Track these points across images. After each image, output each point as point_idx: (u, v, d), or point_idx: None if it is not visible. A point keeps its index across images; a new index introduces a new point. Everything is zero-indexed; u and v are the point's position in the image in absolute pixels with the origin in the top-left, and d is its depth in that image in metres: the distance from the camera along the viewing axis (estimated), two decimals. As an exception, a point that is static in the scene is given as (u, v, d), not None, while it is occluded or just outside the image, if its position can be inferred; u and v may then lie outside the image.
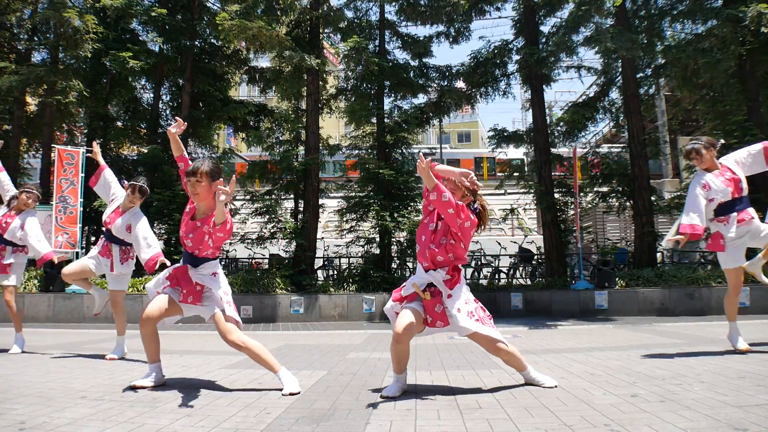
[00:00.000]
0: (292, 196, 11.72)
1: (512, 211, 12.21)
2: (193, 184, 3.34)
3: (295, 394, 3.20)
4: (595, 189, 11.95)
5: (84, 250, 10.52)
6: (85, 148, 10.54)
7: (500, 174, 11.97)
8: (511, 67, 11.95)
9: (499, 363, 3.37)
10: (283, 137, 12.25)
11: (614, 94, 11.96)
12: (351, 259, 11.67)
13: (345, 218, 11.27)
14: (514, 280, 11.33)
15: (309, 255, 10.54)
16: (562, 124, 11.88)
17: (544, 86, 11.42)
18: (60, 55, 11.35)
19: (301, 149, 11.60)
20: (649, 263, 10.19)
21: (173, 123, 3.66)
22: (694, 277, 9.08)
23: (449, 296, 3.11)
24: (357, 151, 11.88)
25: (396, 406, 2.93)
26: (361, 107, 11.14)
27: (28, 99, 12.49)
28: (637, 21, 10.91)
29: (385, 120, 11.61)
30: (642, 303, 8.84)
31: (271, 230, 10.96)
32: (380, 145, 11.36)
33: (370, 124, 11.69)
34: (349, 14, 11.69)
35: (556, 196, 11.31)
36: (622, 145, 12.88)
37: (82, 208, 9.28)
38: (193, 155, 11.95)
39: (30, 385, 3.54)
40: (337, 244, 12.57)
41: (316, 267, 11.07)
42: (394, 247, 11.01)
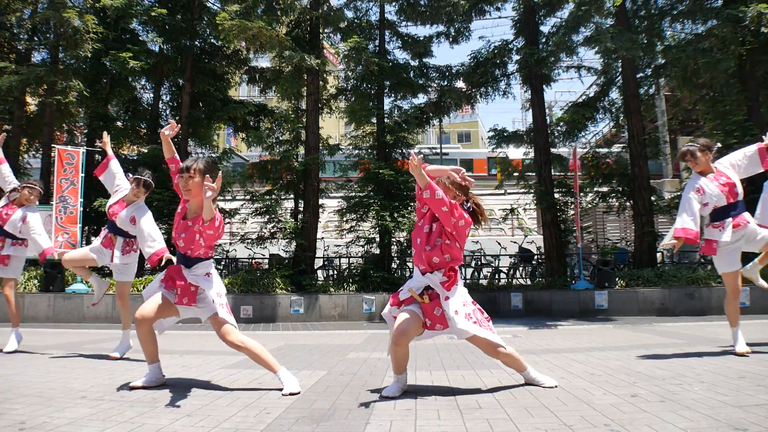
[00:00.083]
0: (292, 196, 11.72)
1: (512, 211, 12.21)
2: (186, 179, 3.37)
3: (295, 394, 3.20)
4: (595, 189, 11.95)
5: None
6: (85, 148, 10.55)
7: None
8: (511, 67, 11.96)
9: (499, 363, 3.37)
10: (283, 137, 12.25)
11: (614, 94, 11.97)
12: (351, 259, 11.66)
13: (345, 218, 11.27)
14: (514, 280, 11.33)
15: (309, 255, 10.54)
16: (562, 124, 11.88)
17: (544, 86, 11.42)
18: (60, 55, 11.34)
19: (301, 149, 11.61)
20: (649, 263, 10.19)
21: (166, 125, 3.69)
22: (694, 277, 9.09)
23: (446, 298, 3.11)
24: (357, 151, 11.89)
25: (396, 406, 2.94)
26: (361, 107, 11.14)
27: (28, 99, 12.48)
28: (637, 21, 10.91)
29: (385, 120, 11.61)
30: (642, 303, 8.84)
31: (271, 230, 10.96)
32: (380, 145, 11.36)
33: (370, 124, 11.70)
34: (349, 14, 11.70)
35: (556, 196, 11.31)
36: (622, 144, 12.87)
37: (82, 208, 9.29)
38: (193, 155, 11.95)
39: (30, 385, 3.54)
40: (337, 244, 12.57)
41: (316, 267, 11.06)
42: (394, 247, 11.02)
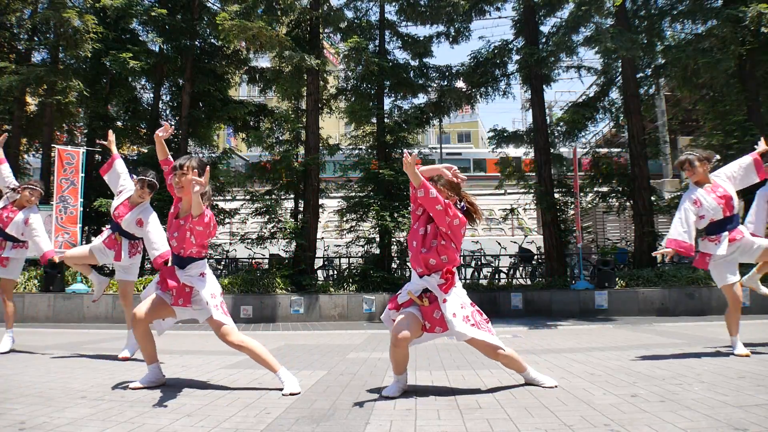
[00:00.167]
0: (292, 196, 11.71)
1: (512, 211, 12.21)
2: (179, 176, 3.40)
3: (295, 394, 3.21)
4: (595, 189, 11.95)
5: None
6: (85, 148, 10.54)
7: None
8: (511, 67, 11.96)
9: (499, 363, 3.37)
10: (283, 137, 12.24)
11: (614, 94, 11.97)
12: (351, 259, 11.66)
13: (345, 218, 11.26)
14: (514, 280, 11.33)
15: (309, 255, 10.54)
16: (562, 124, 11.87)
17: (544, 86, 11.42)
18: (60, 55, 11.35)
19: (301, 149, 11.60)
20: (649, 263, 10.18)
21: (167, 124, 3.73)
22: (694, 277, 9.08)
23: (444, 301, 3.10)
24: (357, 151, 11.88)
25: (396, 406, 2.94)
26: (361, 107, 11.14)
27: (28, 99, 12.48)
28: (637, 21, 10.91)
29: (385, 120, 11.61)
30: (642, 303, 8.84)
31: (271, 230, 10.96)
32: (380, 145, 11.36)
33: (370, 124, 11.69)
34: (349, 14, 11.70)
35: (556, 196, 11.31)
36: (622, 144, 12.86)
37: (82, 208, 9.29)
38: (193, 155, 11.93)
39: (30, 385, 3.54)
40: (337, 244, 12.57)
41: (316, 267, 11.06)
42: (394, 247, 11.01)
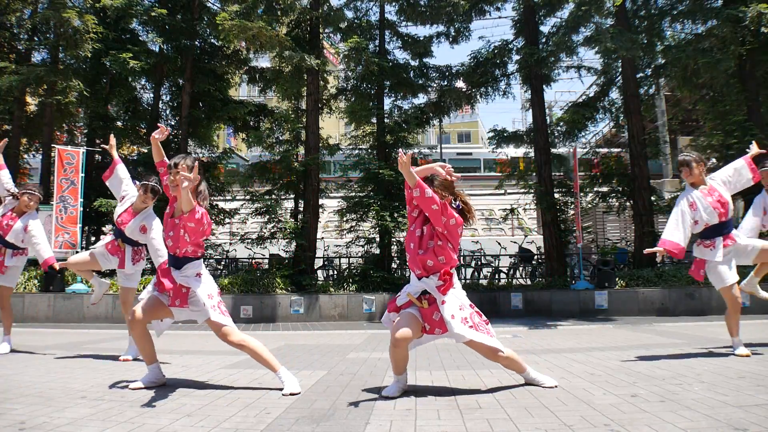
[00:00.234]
0: (292, 196, 11.71)
1: (512, 211, 12.21)
2: (174, 175, 3.42)
3: (295, 394, 3.21)
4: (595, 189, 11.95)
5: (84, 250, 10.51)
6: (85, 148, 10.54)
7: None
8: (511, 67, 11.96)
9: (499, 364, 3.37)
10: (283, 137, 12.24)
11: (614, 94, 11.97)
12: (351, 259, 11.66)
13: (345, 218, 11.26)
14: (514, 280, 11.32)
15: (309, 255, 10.54)
16: (562, 124, 11.87)
17: (544, 86, 11.41)
18: (60, 55, 11.34)
19: (301, 149, 11.60)
20: (649, 263, 10.17)
21: (162, 127, 3.73)
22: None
23: (443, 302, 3.10)
24: (357, 151, 11.88)
25: (396, 406, 2.94)
26: (361, 107, 11.14)
27: (28, 99, 12.48)
28: (637, 21, 10.90)
29: (385, 120, 11.61)
30: (642, 303, 8.84)
31: (271, 230, 10.96)
32: (380, 145, 11.36)
33: (370, 124, 11.69)
34: (349, 14, 11.70)
35: (556, 196, 11.31)
36: (622, 144, 12.86)
37: (82, 208, 9.29)
38: (193, 155, 11.94)
39: (30, 385, 3.54)
40: (337, 244, 12.57)
41: (316, 267, 11.06)
42: (394, 247, 11.01)
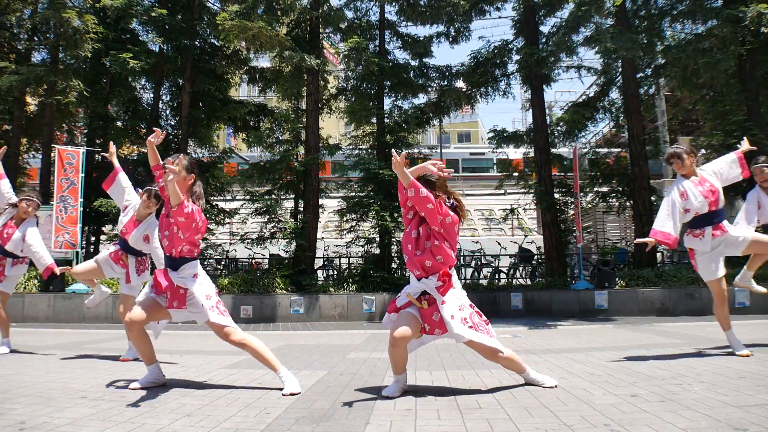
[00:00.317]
0: (292, 196, 11.71)
1: (512, 211, 12.20)
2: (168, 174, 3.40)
3: (295, 394, 3.21)
4: (595, 189, 11.95)
5: (84, 250, 10.52)
6: (86, 148, 10.54)
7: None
8: (511, 67, 11.96)
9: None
10: (283, 137, 12.25)
11: (614, 94, 11.98)
12: (351, 259, 11.66)
13: (345, 218, 11.26)
14: (514, 280, 11.32)
15: (309, 255, 10.54)
16: (562, 124, 11.87)
17: (544, 86, 11.42)
18: (60, 55, 11.35)
19: (301, 149, 11.60)
20: (649, 263, 10.18)
21: (158, 131, 3.69)
22: (694, 277, 9.05)
23: (443, 303, 3.10)
24: (357, 151, 11.88)
25: (396, 406, 2.94)
26: (361, 107, 11.14)
27: (28, 99, 12.49)
28: (637, 21, 10.90)
29: (385, 120, 11.61)
30: (642, 303, 8.84)
31: (271, 230, 10.96)
32: (380, 145, 11.36)
33: (370, 124, 11.69)
34: (349, 14, 11.71)
35: (556, 196, 11.31)
36: (622, 144, 12.86)
37: (82, 208, 9.29)
38: (193, 155, 11.96)
39: (30, 385, 3.54)
40: (337, 244, 12.57)
41: (316, 267, 11.06)
42: (394, 247, 11.01)
